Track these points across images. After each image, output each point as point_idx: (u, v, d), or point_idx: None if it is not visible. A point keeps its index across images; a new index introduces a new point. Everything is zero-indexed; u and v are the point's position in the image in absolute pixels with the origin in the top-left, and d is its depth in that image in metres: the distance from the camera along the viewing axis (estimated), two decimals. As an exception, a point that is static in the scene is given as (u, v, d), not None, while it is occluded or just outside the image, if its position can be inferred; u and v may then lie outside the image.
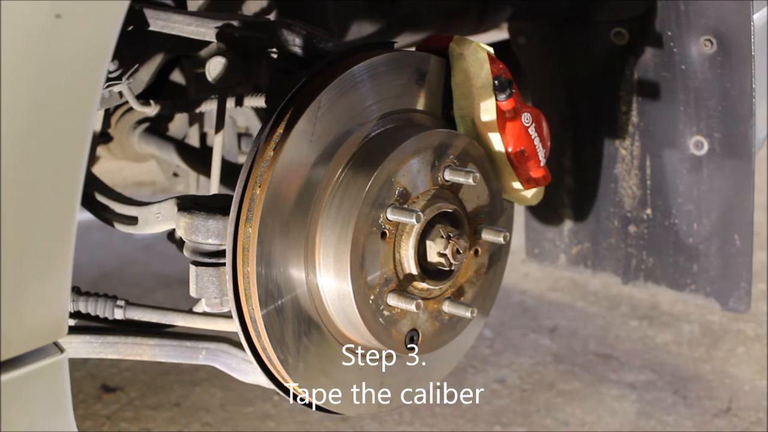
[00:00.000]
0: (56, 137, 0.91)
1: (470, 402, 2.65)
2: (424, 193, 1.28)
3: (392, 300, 1.26)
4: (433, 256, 1.29)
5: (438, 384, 1.48)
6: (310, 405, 1.33)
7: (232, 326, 1.26)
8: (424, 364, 1.44)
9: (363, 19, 1.82)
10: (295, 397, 1.31)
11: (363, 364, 1.34)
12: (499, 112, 1.38)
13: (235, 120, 2.12)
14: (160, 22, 1.37)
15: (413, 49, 1.42)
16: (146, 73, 1.59)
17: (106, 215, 1.45)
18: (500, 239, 1.36)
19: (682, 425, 2.59)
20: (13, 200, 0.89)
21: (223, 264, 1.25)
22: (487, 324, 2.89)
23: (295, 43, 1.30)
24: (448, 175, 1.30)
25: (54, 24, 0.86)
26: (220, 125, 1.53)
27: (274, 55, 1.37)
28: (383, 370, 1.38)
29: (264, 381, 1.29)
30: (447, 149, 1.30)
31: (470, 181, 1.29)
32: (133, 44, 1.43)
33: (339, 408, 1.34)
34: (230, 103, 1.57)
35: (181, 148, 2.05)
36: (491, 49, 1.40)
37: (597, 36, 1.71)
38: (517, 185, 1.44)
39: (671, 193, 1.82)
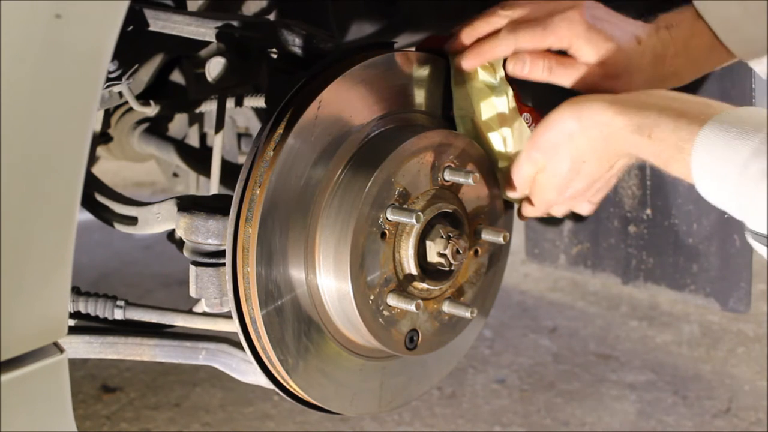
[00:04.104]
0: (56, 137, 0.91)
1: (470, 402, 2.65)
2: (423, 194, 1.29)
3: (392, 300, 1.26)
4: (433, 257, 1.29)
5: (438, 384, 1.48)
6: (310, 405, 1.33)
7: (232, 326, 1.26)
8: (423, 364, 1.45)
9: (363, 19, 1.82)
10: (295, 397, 1.31)
11: (363, 364, 1.34)
12: (499, 112, 1.38)
13: (235, 120, 2.12)
14: (160, 22, 1.37)
15: (413, 49, 1.42)
16: (146, 73, 1.59)
17: (106, 215, 1.45)
18: (500, 239, 1.36)
19: (682, 425, 2.59)
20: (13, 200, 0.89)
21: (223, 264, 1.25)
22: (487, 324, 2.89)
23: (295, 43, 1.30)
24: (448, 176, 1.30)
25: (54, 24, 0.86)
26: (220, 125, 1.53)
27: (274, 56, 1.37)
28: (383, 370, 1.38)
29: (264, 381, 1.29)
30: (447, 149, 1.30)
31: (470, 181, 1.29)
32: (133, 44, 1.43)
33: (339, 408, 1.34)
34: (230, 103, 1.58)
35: (181, 148, 2.05)
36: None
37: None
38: (517, 185, 1.44)
39: (671, 193, 1.82)
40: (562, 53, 1.33)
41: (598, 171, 1.28)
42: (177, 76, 1.84)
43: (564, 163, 1.28)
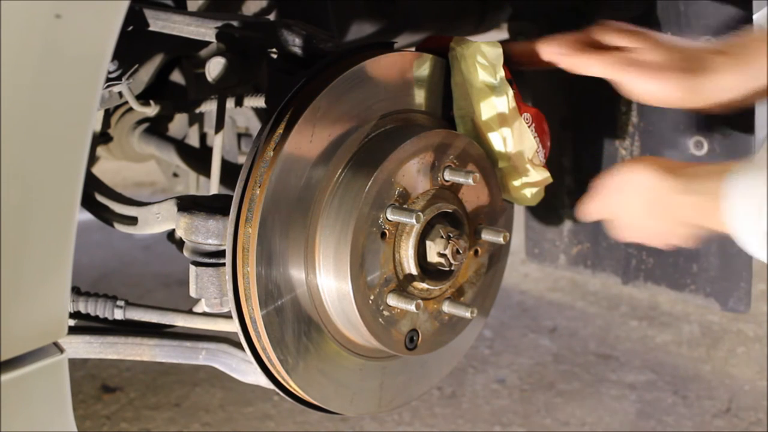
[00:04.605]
0: (56, 137, 0.91)
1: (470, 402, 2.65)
2: (423, 194, 1.29)
3: (392, 300, 1.26)
4: (432, 257, 1.29)
5: (438, 384, 1.48)
6: (310, 405, 1.33)
7: (232, 326, 1.26)
8: (423, 364, 1.45)
9: (363, 19, 1.82)
10: (294, 397, 1.31)
11: (363, 364, 1.34)
12: (499, 112, 1.38)
13: (235, 120, 2.12)
14: (160, 23, 1.37)
15: (413, 49, 1.42)
16: (146, 73, 1.59)
17: (106, 215, 1.45)
18: (500, 239, 1.36)
19: (682, 425, 2.59)
20: (13, 200, 0.89)
21: (223, 264, 1.25)
22: (487, 324, 2.89)
23: (295, 43, 1.30)
24: (448, 176, 1.30)
25: (54, 24, 0.86)
26: (220, 125, 1.53)
27: (274, 56, 1.37)
28: (383, 370, 1.38)
29: (264, 381, 1.29)
30: (447, 149, 1.30)
31: (470, 181, 1.29)
32: (133, 44, 1.43)
33: (339, 408, 1.34)
34: (230, 103, 1.57)
35: (181, 148, 2.05)
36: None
37: (597, 36, 1.71)
38: (517, 184, 1.44)
39: (671, 193, 1.82)
40: None
41: (663, 228, 1.33)
42: (177, 76, 1.84)
43: (636, 209, 1.33)
